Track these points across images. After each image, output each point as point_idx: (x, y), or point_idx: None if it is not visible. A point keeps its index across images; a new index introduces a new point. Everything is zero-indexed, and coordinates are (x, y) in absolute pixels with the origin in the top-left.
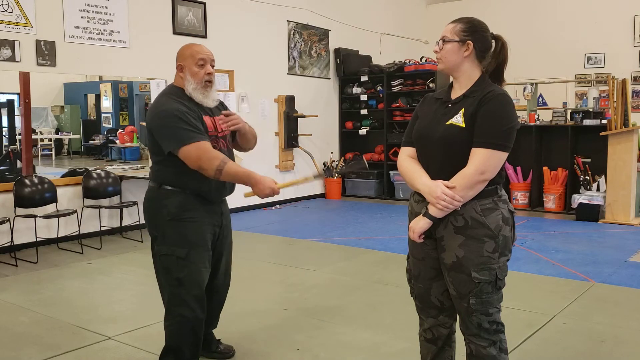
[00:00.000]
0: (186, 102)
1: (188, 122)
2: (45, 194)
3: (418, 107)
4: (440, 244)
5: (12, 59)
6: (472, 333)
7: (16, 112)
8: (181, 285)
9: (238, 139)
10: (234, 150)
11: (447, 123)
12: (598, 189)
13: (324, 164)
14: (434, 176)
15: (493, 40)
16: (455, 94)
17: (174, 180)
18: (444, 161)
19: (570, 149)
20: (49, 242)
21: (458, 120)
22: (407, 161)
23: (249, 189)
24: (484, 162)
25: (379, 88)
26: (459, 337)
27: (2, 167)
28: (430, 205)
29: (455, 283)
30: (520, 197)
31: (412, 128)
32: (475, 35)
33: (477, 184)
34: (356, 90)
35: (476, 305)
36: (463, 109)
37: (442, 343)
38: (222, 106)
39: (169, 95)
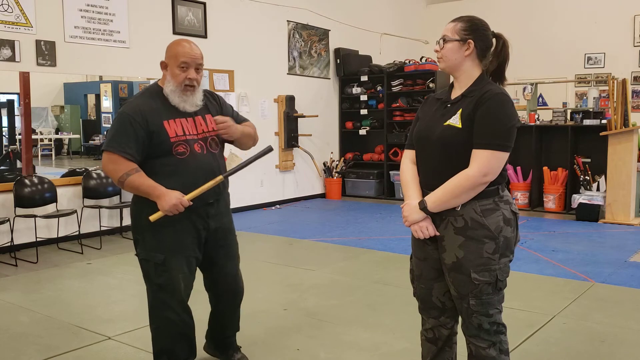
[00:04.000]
0: (158, 102)
1: (126, 131)
2: (45, 194)
3: (420, 108)
4: (440, 244)
5: (12, 59)
6: (472, 334)
7: (16, 112)
8: (162, 290)
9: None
10: (235, 147)
11: (445, 124)
12: (598, 189)
13: (324, 164)
14: (432, 178)
15: (494, 39)
16: (455, 93)
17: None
18: (442, 162)
19: (570, 149)
20: (49, 242)
21: (455, 121)
22: (406, 172)
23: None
24: (486, 163)
25: (379, 88)
26: (461, 338)
27: (2, 167)
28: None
29: (455, 283)
30: (520, 197)
31: (413, 129)
32: (476, 33)
33: (479, 185)
34: (356, 90)
35: (476, 306)
36: (460, 110)
37: (442, 343)
38: (213, 100)
39: (142, 94)
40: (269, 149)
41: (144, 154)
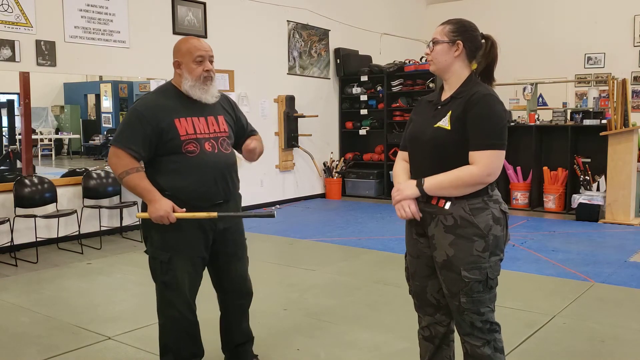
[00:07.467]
0: (170, 100)
1: (134, 127)
2: (45, 194)
3: (413, 111)
4: (432, 242)
5: (12, 59)
6: (465, 332)
7: (16, 112)
8: (167, 288)
9: (243, 154)
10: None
11: (435, 126)
12: (598, 189)
13: (324, 164)
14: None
15: (483, 40)
16: (445, 95)
17: (161, 181)
18: (433, 163)
19: (570, 149)
20: (49, 242)
21: (444, 123)
22: (397, 168)
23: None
24: (489, 163)
25: (379, 88)
26: (458, 337)
27: (2, 167)
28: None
29: (446, 281)
30: (520, 197)
31: (407, 131)
32: (465, 35)
33: (480, 184)
34: (356, 90)
35: (467, 304)
36: (450, 112)
37: (439, 341)
38: (228, 105)
39: (156, 91)
40: (272, 215)
41: (151, 151)
